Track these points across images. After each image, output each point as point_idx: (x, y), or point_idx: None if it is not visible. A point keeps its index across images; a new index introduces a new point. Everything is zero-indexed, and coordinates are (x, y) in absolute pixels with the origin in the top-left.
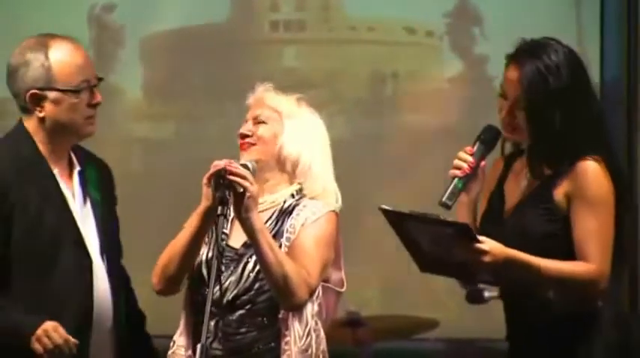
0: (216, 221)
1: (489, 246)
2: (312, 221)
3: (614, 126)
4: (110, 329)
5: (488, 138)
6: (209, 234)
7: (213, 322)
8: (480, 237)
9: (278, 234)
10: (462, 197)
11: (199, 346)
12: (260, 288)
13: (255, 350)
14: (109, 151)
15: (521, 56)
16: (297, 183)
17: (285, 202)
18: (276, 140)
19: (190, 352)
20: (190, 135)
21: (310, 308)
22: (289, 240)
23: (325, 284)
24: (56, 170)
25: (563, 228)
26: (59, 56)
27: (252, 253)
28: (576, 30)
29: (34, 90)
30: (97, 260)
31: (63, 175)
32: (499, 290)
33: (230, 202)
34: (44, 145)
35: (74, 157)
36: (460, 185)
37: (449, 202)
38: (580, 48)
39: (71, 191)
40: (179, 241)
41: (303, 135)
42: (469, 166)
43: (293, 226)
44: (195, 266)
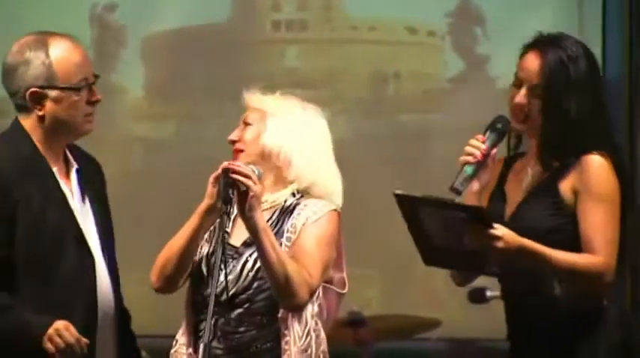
0: (222, 219)
1: (502, 232)
2: (313, 220)
3: (615, 125)
4: (113, 326)
5: (499, 127)
6: (210, 233)
7: (212, 321)
8: (494, 224)
9: (279, 233)
10: (472, 186)
11: (202, 345)
12: (259, 287)
13: (254, 349)
14: (110, 150)
15: (544, 44)
16: (290, 181)
17: (286, 201)
18: (259, 139)
19: (191, 350)
20: (191, 134)
21: (310, 309)
22: (290, 239)
23: (326, 285)
24: (55, 168)
25: (569, 223)
26: (59, 54)
27: (252, 252)
28: (578, 29)
29: (34, 88)
30: (98, 257)
31: (61, 173)
32: (501, 290)
33: (234, 201)
34: (42, 144)
35: (70, 156)
36: (471, 171)
37: (460, 188)
38: None
39: (70, 189)
40: (178, 239)
41: (285, 129)
42: (481, 153)
43: (294, 226)
44: (195, 264)
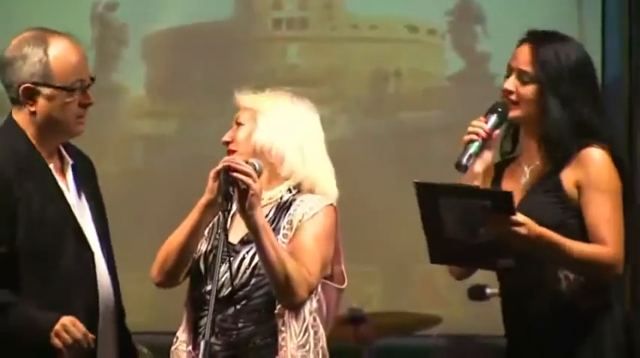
0: (225, 216)
1: (524, 218)
2: (309, 216)
3: (614, 125)
4: (113, 320)
5: (500, 110)
6: (209, 230)
7: (209, 317)
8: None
9: (276, 230)
10: (475, 165)
11: (202, 342)
12: (256, 284)
13: (252, 345)
14: (111, 149)
15: (537, 37)
16: (284, 177)
17: (282, 198)
18: (251, 137)
19: (191, 347)
20: (192, 133)
21: (308, 305)
22: (286, 236)
23: (325, 281)
24: (51, 165)
25: (573, 217)
26: (57, 53)
27: (249, 249)
28: (578, 29)
29: (28, 84)
30: (97, 252)
31: (56, 169)
32: (499, 288)
33: (234, 198)
34: (36, 140)
35: (64, 152)
36: (475, 148)
37: (466, 163)
38: None
39: (66, 185)
40: (178, 234)
41: (276, 126)
42: (485, 132)
43: (290, 222)
44: (194, 261)
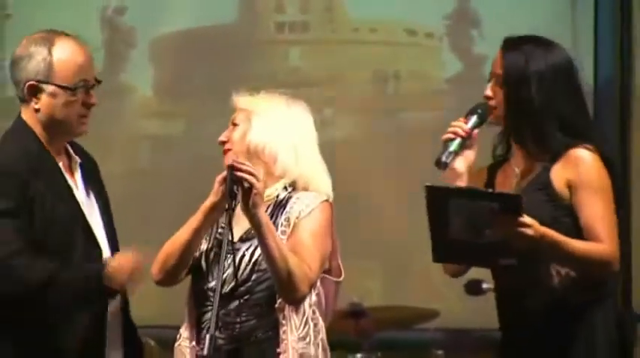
0: (229, 213)
1: (531, 220)
2: (306, 213)
3: (607, 126)
4: (119, 314)
5: (479, 112)
6: (211, 229)
7: (214, 312)
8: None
9: (274, 227)
10: (459, 166)
11: (208, 336)
12: (257, 279)
13: (254, 338)
14: (119, 148)
15: (510, 42)
16: (278, 176)
17: (279, 196)
18: (246, 137)
19: (194, 343)
20: (198, 132)
21: (307, 298)
22: (285, 233)
23: (323, 275)
24: (60, 163)
25: (566, 215)
26: (61, 53)
27: (248, 246)
28: (571, 32)
29: (32, 81)
30: (105, 250)
31: (65, 168)
32: (494, 284)
33: (238, 197)
34: (44, 139)
35: (72, 151)
36: (454, 147)
37: (446, 160)
38: (574, 49)
39: (74, 183)
40: (181, 235)
41: (269, 127)
42: (464, 131)
43: (288, 219)
44: (195, 259)
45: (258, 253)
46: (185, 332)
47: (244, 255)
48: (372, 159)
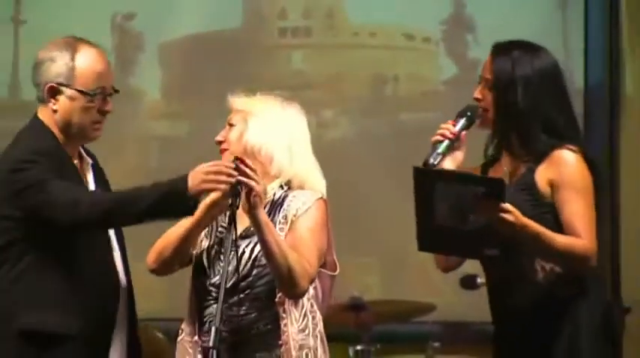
0: (233, 211)
1: (511, 207)
2: (303, 211)
3: (597, 127)
4: (126, 305)
5: (468, 114)
6: (209, 228)
7: (216, 305)
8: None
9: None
10: (446, 163)
11: (213, 328)
12: (257, 275)
13: (256, 331)
14: (129, 148)
15: (500, 46)
16: (274, 175)
17: (275, 195)
18: (242, 138)
19: (196, 337)
20: (204, 133)
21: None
22: (283, 230)
23: (320, 270)
24: (75, 161)
25: (548, 213)
26: (83, 60)
27: (248, 243)
28: (562, 37)
29: (53, 83)
30: (115, 246)
31: (80, 168)
32: (485, 278)
33: (241, 196)
34: (60, 139)
35: (83, 152)
36: (442, 148)
37: (433, 161)
38: (565, 53)
39: (86, 183)
40: (179, 227)
41: (265, 127)
42: (452, 133)
43: (285, 217)
44: (197, 256)
45: (257, 249)
46: (187, 327)
47: (244, 251)
48: (371, 157)
